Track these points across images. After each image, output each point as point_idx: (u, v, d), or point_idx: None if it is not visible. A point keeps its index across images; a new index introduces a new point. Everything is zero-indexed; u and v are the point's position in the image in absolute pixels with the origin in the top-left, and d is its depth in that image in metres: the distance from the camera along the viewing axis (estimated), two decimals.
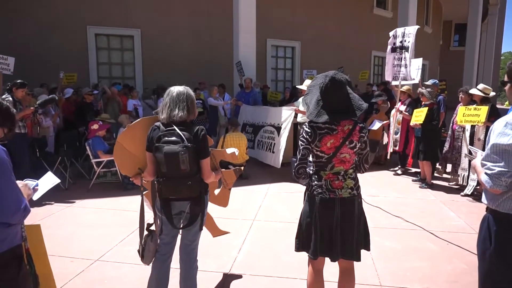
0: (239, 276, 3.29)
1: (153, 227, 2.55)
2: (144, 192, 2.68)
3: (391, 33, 6.62)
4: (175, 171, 2.28)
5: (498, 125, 1.87)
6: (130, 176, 2.68)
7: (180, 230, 2.56)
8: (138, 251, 2.52)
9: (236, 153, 2.85)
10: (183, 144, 2.24)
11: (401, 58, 6.31)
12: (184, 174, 2.29)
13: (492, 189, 1.85)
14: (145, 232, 2.52)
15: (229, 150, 2.85)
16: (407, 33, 6.16)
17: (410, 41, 6.07)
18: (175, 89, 2.43)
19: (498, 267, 1.89)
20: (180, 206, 2.45)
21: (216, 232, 3.40)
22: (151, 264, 2.56)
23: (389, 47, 6.59)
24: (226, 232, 3.48)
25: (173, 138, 2.28)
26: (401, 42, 6.28)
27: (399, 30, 6.37)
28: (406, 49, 6.16)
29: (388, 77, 6.75)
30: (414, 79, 6.71)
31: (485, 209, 2.01)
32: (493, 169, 1.82)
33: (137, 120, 2.65)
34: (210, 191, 3.02)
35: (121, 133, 2.65)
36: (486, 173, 1.86)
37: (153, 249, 2.52)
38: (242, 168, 3.09)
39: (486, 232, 1.95)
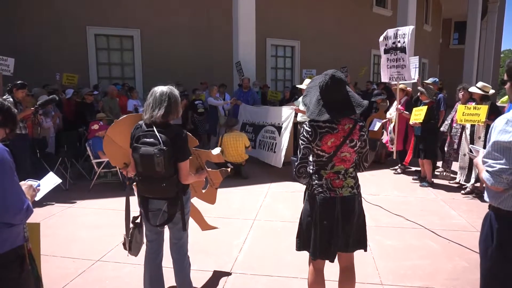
0: (240, 276, 3.30)
1: (139, 220, 2.62)
2: (133, 183, 2.71)
3: (381, 36, 6.56)
4: (150, 172, 2.30)
5: (499, 123, 1.88)
6: (120, 168, 2.76)
7: (166, 229, 2.61)
8: (123, 243, 2.58)
9: (221, 153, 2.90)
10: (159, 147, 2.25)
11: (395, 59, 6.25)
12: (159, 176, 2.31)
13: (494, 187, 1.85)
14: (131, 226, 2.58)
15: (214, 151, 2.89)
16: (401, 34, 6.09)
17: (405, 42, 6.01)
18: (159, 89, 2.43)
19: (500, 265, 1.90)
20: (157, 204, 2.48)
21: (205, 226, 3.46)
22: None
23: (381, 49, 6.55)
24: (215, 227, 3.53)
25: (151, 140, 2.29)
26: (393, 43, 6.22)
27: (391, 32, 6.31)
28: (401, 49, 6.09)
29: (384, 78, 6.72)
30: (414, 78, 6.69)
31: (488, 207, 2.01)
32: (494, 166, 1.83)
33: (124, 116, 2.73)
34: (197, 189, 3.09)
35: (110, 127, 2.72)
36: (487, 171, 1.86)
37: (140, 240, 2.58)
38: (229, 169, 3.11)
39: (488, 230, 1.96)
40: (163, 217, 2.49)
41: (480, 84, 5.57)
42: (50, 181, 2.21)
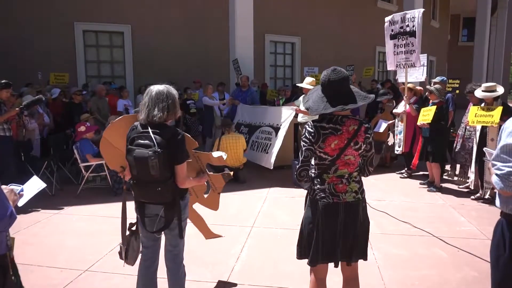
0: (236, 286, 3.29)
1: (135, 227, 2.62)
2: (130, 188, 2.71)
3: (386, 19, 6.63)
4: (145, 175, 2.30)
5: (509, 124, 1.90)
6: (118, 172, 2.77)
7: (162, 235, 2.61)
8: (119, 252, 2.59)
9: (224, 157, 2.88)
10: (153, 149, 2.25)
11: (404, 44, 6.33)
12: (154, 179, 2.31)
13: (503, 191, 1.85)
14: (127, 232, 2.58)
15: (215, 154, 2.88)
16: (410, 18, 6.18)
17: (415, 25, 6.10)
18: (155, 88, 2.44)
19: None
20: (154, 209, 2.48)
21: (209, 234, 3.45)
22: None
23: (387, 34, 6.60)
24: (219, 236, 3.52)
25: (146, 142, 2.29)
26: (401, 27, 6.31)
27: (397, 16, 6.40)
28: (411, 34, 6.17)
29: (390, 66, 6.74)
30: (423, 64, 6.73)
31: (500, 213, 2.01)
32: (502, 169, 1.83)
33: (120, 117, 2.77)
34: (199, 194, 3.09)
35: (106, 128, 2.76)
36: (496, 174, 1.87)
37: (137, 248, 2.58)
38: (232, 172, 3.11)
39: (500, 238, 1.96)
40: (160, 223, 2.49)
41: (484, 86, 5.41)
42: (34, 185, 2.19)
